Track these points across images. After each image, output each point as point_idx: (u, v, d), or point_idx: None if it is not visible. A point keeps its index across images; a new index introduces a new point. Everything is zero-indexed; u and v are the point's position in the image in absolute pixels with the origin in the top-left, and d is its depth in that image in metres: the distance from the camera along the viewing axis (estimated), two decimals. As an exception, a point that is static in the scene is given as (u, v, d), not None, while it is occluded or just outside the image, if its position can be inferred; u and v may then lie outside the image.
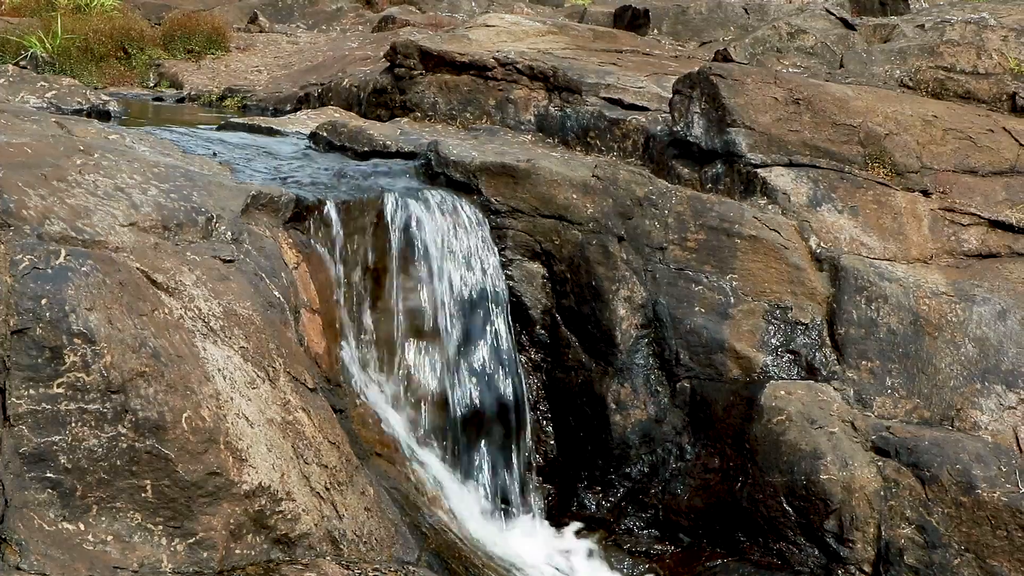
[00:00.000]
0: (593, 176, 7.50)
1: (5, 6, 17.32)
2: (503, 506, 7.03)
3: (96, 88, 12.19)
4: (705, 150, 7.68)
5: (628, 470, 7.13)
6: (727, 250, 7.24)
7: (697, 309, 7.15)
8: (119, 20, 15.54)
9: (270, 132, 9.04)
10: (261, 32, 16.66)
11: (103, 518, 4.83)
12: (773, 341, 7.07)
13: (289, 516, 5.29)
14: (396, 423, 6.75)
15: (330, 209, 6.79)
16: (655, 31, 12.47)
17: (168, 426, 4.96)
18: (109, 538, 4.83)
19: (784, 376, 6.99)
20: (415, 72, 9.35)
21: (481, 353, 7.12)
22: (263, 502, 5.20)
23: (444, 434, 6.97)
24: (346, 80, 10.75)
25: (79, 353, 4.84)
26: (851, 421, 6.75)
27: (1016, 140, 7.97)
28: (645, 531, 7.05)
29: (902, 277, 7.16)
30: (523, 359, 7.35)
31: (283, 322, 5.92)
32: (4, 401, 4.75)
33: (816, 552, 6.64)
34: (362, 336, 6.86)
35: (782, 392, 6.85)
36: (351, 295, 6.84)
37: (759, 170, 7.49)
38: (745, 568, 6.73)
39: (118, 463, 4.85)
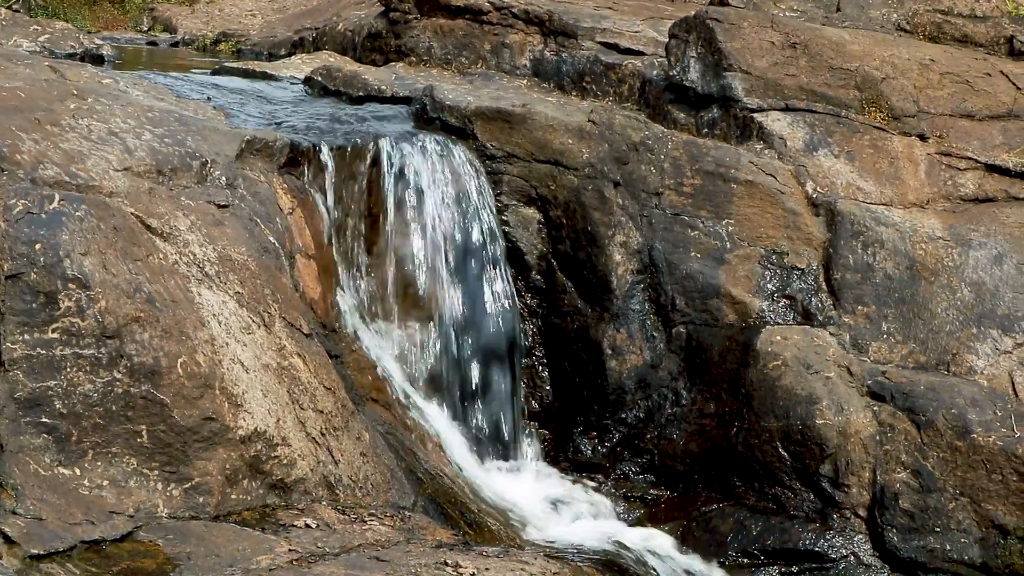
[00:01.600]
0: (589, 121, 7.47)
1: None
2: (499, 451, 7.04)
3: (89, 32, 12.12)
4: (701, 95, 7.64)
5: (624, 415, 7.14)
6: (723, 195, 7.22)
7: (693, 254, 7.14)
8: (112, -37, 15.44)
9: (264, 77, 8.98)
10: (255, -24, 16.53)
11: (99, 463, 4.84)
12: (769, 286, 7.07)
13: (285, 461, 5.30)
14: (392, 368, 6.75)
15: (325, 154, 6.76)
16: (651, -25, 12.38)
17: (163, 371, 4.95)
18: (105, 483, 4.83)
19: (780, 321, 6.99)
20: (410, 16, 9.28)
21: (477, 298, 7.11)
22: (259, 447, 5.20)
23: (440, 379, 6.97)
24: (340, 24, 10.67)
25: (74, 298, 4.82)
26: (847, 366, 6.76)
27: (1013, 84, 7.93)
28: (641, 476, 7.07)
29: (898, 222, 7.15)
30: (519, 304, 7.35)
31: (278, 268, 5.90)
32: (-1, 346, 4.75)
33: (811, 496, 6.66)
34: (357, 282, 6.86)
35: (778, 337, 6.85)
36: (346, 240, 6.83)
37: (755, 115, 7.46)
38: (740, 513, 6.75)
39: (113, 408, 4.85)
